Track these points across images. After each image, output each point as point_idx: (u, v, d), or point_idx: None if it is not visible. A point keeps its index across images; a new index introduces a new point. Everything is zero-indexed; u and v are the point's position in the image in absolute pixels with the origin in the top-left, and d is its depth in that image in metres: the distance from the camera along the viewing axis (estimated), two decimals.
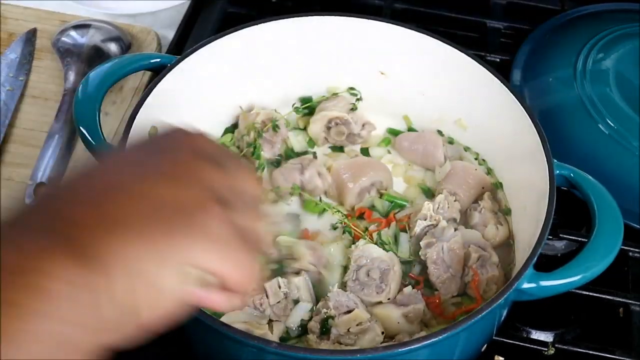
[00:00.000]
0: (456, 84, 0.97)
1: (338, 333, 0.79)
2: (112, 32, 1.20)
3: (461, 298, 0.85)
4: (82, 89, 0.88)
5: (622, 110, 1.06)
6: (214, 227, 0.50)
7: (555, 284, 0.76)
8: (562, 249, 0.99)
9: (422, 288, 0.86)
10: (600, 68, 1.12)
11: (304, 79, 1.02)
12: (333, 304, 0.80)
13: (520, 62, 1.17)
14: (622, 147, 1.03)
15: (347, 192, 0.93)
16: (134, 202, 0.49)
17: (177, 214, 0.49)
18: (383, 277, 0.84)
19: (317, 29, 0.98)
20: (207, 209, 0.50)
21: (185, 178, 0.51)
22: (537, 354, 0.89)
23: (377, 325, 0.80)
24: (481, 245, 0.87)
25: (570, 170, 0.85)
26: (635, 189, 1.00)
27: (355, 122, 0.99)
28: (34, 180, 1.02)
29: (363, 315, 0.79)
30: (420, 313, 0.81)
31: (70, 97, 1.11)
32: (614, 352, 0.88)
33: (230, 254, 0.50)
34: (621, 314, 0.93)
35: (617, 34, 1.16)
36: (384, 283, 0.84)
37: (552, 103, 1.12)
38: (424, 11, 1.26)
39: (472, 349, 0.81)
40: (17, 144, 1.08)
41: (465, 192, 0.93)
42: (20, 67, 1.16)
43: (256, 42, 0.97)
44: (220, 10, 1.24)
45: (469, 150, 0.99)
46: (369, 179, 0.94)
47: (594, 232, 0.78)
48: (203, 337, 0.76)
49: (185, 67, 0.91)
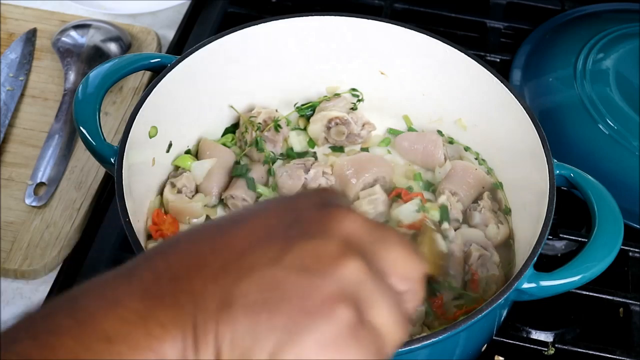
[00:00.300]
0: (456, 84, 0.97)
1: None
2: (112, 32, 1.20)
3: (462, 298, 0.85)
4: (82, 89, 0.88)
5: (622, 110, 1.06)
6: (333, 330, 0.46)
7: (555, 284, 0.76)
8: (562, 249, 0.99)
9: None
10: (600, 68, 1.12)
11: (304, 78, 1.02)
12: None
13: (520, 62, 1.17)
14: (622, 147, 1.03)
15: (351, 188, 0.93)
16: (259, 288, 0.46)
17: (299, 310, 0.46)
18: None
19: (317, 29, 0.98)
20: (331, 311, 0.46)
21: (322, 274, 0.47)
22: (537, 354, 0.89)
23: None
24: (483, 244, 0.87)
25: (570, 170, 0.85)
26: (635, 189, 1.00)
27: (355, 122, 0.99)
28: (34, 180, 1.02)
29: None
30: (422, 315, 0.81)
31: (70, 97, 1.11)
32: (614, 352, 0.88)
33: (340, 356, 0.46)
34: (621, 314, 0.93)
35: (617, 34, 1.16)
36: None
37: (552, 103, 1.12)
38: (424, 11, 1.26)
39: (472, 349, 0.81)
40: (17, 144, 1.08)
41: (466, 191, 0.93)
42: (20, 67, 1.16)
43: (256, 42, 0.97)
44: (220, 10, 1.24)
45: (469, 150, 0.99)
46: (372, 175, 0.94)
47: (594, 232, 0.78)
48: None
49: (185, 67, 0.91)
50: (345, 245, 0.48)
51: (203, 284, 0.46)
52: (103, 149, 0.84)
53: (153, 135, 0.90)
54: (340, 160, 0.96)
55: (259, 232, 0.49)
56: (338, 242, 0.48)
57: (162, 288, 0.46)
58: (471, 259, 0.85)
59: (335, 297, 0.46)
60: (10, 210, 1.00)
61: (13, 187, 1.03)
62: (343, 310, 0.46)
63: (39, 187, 1.02)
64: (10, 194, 1.02)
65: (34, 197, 1.01)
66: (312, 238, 0.48)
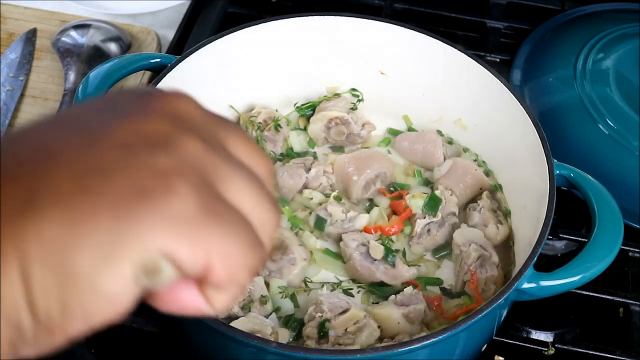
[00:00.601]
0: (456, 84, 0.97)
1: (336, 334, 0.79)
2: (112, 32, 1.20)
3: (461, 298, 0.85)
4: (82, 89, 0.88)
5: (622, 110, 1.06)
6: (181, 207, 0.37)
7: (555, 284, 0.76)
8: (562, 249, 0.99)
9: (422, 289, 0.86)
10: (600, 68, 1.12)
11: (304, 78, 1.02)
12: (327, 306, 0.80)
13: (520, 62, 1.17)
14: (622, 147, 1.03)
15: (352, 185, 0.93)
16: (69, 175, 0.36)
17: (131, 191, 0.36)
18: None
19: (317, 29, 0.98)
20: (173, 186, 0.37)
21: (150, 147, 0.38)
22: (537, 354, 0.89)
23: (372, 320, 0.80)
24: (482, 244, 0.87)
25: (570, 170, 0.85)
26: (635, 189, 1.00)
27: (355, 122, 0.99)
28: None
29: (359, 313, 0.80)
30: (421, 313, 0.81)
31: (70, 97, 1.11)
32: (614, 352, 0.88)
33: (201, 234, 0.37)
34: (621, 314, 0.93)
35: (617, 34, 1.16)
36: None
37: (552, 103, 1.12)
38: (424, 11, 1.26)
39: (472, 349, 0.81)
40: None
41: (462, 190, 0.93)
42: (20, 67, 1.16)
43: (256, 42, 0.97)
44: (220, 10, 1.24)
45: (468, 152, 0.99)
46: (374, 171, 0.94)
47: (594, 232, 0.78)
48: (203, 337, 0.76)
49: (185, 67, 0.91)
50: (175, 122, 0.40)
51: (1, 186, 0.36)
52: None
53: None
54: (341, 157, 0.96)
55: (68, 123, 0.40)
56: (165, 118, 0.40)
57: None
58: (470, 260, 0.85)
59: (171, 170, 0.38)
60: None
61: None
62: (185, 183, 0.37)
63: None
64: None
65: None
66: (133, 118, 0.40)
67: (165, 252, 0.37)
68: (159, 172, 0.37)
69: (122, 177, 0.37)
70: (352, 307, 0.80)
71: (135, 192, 0.36)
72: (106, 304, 0.36)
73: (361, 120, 1.00)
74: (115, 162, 0.37)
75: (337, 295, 0.82)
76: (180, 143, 0.39)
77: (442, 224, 0.90)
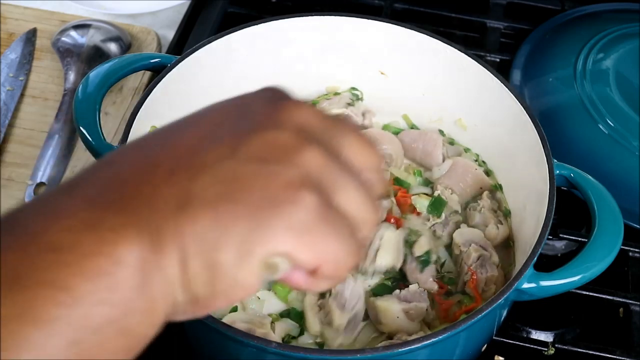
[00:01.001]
0: (456, 84, 0.97)
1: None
2: (112, 32, 1.20)
3: (462, 298, 0.85)
4: (82, 89, 0.88)
5: (622, 110, 1.06)
6: (301, 215, 0.44)
7: (555, 284, 0.76)
8: (562, 249, 0.99)
9: (442, 294, 0.86)
10: (600, 68, 1.12)
11: (304, 78, 1.02)
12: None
13: (520, 62, 1.17)
14: (622, 147, 1.03)
15: None
16: (217, 183, 0.44)
17: (262, 200, 0.44)
18: None
19: (317, 29, 0.98)
20: (296, 196, 0.44)
21: (278, 160, 0.45)
22: (537, 354, 0.89)
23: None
24: (482, 244, 0.87)
25: (570, 170, 0.85)
26: (635, 189, 1.00)
27: (356, 114, 1.00)
28: (34, 180, 1.02)
29: None
30: (423, 312, 0.81)
31: (70, 97, 1.11)
32: (614, 352, 0.88)
33: (316, 242, 0.45)
34: (621, 314, 0.93)
35: (617, 34, 1.16)
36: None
37: (552, 103, 1.12)
38: (424, 11, 1.26)
39: (472, 349, 0.81)
40: (17, 144, 1.08)
41: (462, 189, 0.93)
42: (20, 67, 1.16)
43: (256, 42, 0.97)
44: (220, 10, 1.24)
45: (469, 152, 0.99)
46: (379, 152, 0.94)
47: (594, 232, 0.78)
48: (204, 337, 0.76)
49: (185, 67, 0.91)
50: (300, 133, 0.47)
51: (154, 186, 0.43)
52: (103, 149, 0.84)
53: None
54: None
55: (207, 130, 0.47)
56: (292, 131, 0.47)
57: (109, 196, 0.43)
58: (470, 259, 0.85)
59: (297, 182, 0.45)
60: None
61: (13, 187, 1.03)
62: (308, 195, 0.45)
63: (39, 187, 1.02)
64: (10, 194, 1.02)
65: (34, 197, 1.01)
66: (264, 129, 0.47)
67: (287, 254, 0.44)
68: (287, 184, 0.45)
69: (257, 188, 0.44)
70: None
71: (267, 202, 0.44)
72: (241, 290, 0.45)
73: (360, 110, 1.01)
74: (251, 173, 0.44)
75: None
76: (304, 155, 0.46)
77: (447, 223, 0.90)
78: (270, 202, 0.44)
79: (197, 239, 0.43)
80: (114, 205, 0.43)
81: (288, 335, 0.81)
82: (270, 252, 0.44)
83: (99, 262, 0.41)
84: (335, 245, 0.46)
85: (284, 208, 0.44)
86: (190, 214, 0.43)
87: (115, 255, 0.41)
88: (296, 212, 0.44)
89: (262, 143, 0.46)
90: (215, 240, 0.43)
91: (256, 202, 0.44)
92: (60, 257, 0.40)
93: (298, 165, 0.45)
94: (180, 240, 0.43)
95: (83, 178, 0.46)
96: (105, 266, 0.41)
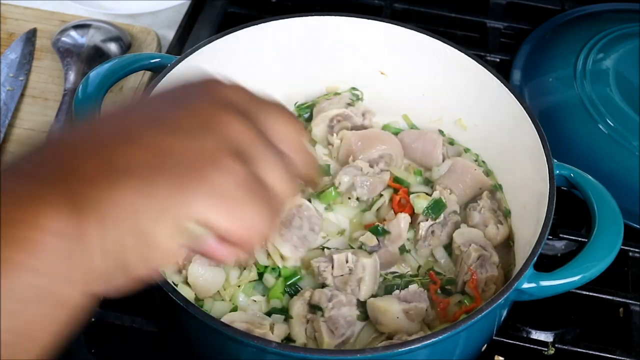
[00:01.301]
0: (456, 84, 0.97)
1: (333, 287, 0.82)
2: (112, 32, 1.20)
3: (462, 298, 0.85)
4: (82, 89, 0.88)
5: (622, 110, 1.06)
6: (223, 182, 0.47)
7: (555, 284, 0.76)
8: (562, 249, 0.99)
9: (438, 290, 0.86)
10: (600, 68, 1.12)
11: (304, 78, 1.02)
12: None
13: (520, 62, 1.17)
14: (622, 147, 1.03)
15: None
16: (140, 153, 0.46)
17: (185, 167, 0.46)
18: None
19: (317, 29, 0.98)
20: (219, 164, 0.47)
21: (203, 131, 0.48)
22: (537, 354, 0.89)
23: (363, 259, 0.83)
24: (482, 244, 0.87)
25: (570, 170, 0.85)
26: (635, 189, 1.00)
27: (356, 114, 1.00)
28: None
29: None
30: (422, 312, 0.81)
31: (70, 97, 1.11)
32: (614, 352, 0.88)
33: (235, 209, 0.47)
34: (621, 314, 0.93)
35: (617, 34, 1.17)
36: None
37: (552, 103, 1.12)
38: (424, 11, 1.26)
39: (472, 349, 0.81)
40: (17, 144, 1.08)
41: (462, 190, 0.93)
42: (20, 67, 1.16)
43: (256, 42, 0.97)
44: (220, 10, 1.24)
45: (468, 152, 0.99)
46: (378, 152, 0.94)
47: (594, 232, 0.78)
48: (203, 337, 0.76)
49: (185, 67, 0.91)
50: (228, 107, 0.50)
51: (84, 158, 0.46)
52: None
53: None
54: (350, 133, 0.97)
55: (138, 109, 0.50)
56: (220, 104, 0.50)
57: (47, 171, 0.45)
58: (470, 259, 0.85)
59: (222, 152, 0.47)
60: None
61: None
62: (232, 163, 0.47)
63: None
64: None
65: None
66: (192, 102, 0.50)
67: (204, 218, 0.46)
68: (212, 151, 0.47)
69: (182, 155, 0.46)
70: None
71: (190, 168, 0.46)
72: (160, 255, 0.46)
73: (360, 110, 1.01)
74: (177, 142, 0.47)
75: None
76: (230, 126, 0.48)
77: (445, 223, 0.90)
78: (194, 168, 0.46)
79: (117, 205, 0.44)
80: (49, 178, 0.45)
81: (287, 335, 0.81)
82: (188, 215, 0.46)
83: (24, 230, 0.43)
84: (252, 212, 0.48)
85: (207, 174, 0.46)
86: (112, 182, 0.45)
87: (39, 223, 0.43)
88: (218, 178, 0.46)
89: (190, 115, 0.49)
90: (135, 206, 0.45)
91: (179, 169, 0.46)
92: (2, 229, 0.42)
93: (223, 134, 0.48)
94: (99, 207, 0.44)
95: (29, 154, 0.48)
96: (30, 234, 0.43)
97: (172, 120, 0.48)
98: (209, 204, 0.46)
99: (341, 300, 0.81)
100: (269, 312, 0.83)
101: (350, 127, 0.99)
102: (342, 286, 0.83)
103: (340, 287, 0.83)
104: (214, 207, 0.46)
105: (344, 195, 0.92)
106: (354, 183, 0.91)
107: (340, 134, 0.98)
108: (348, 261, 0.83)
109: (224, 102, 0.50)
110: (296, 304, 0.81)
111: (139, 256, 0.46)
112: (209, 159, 0.47)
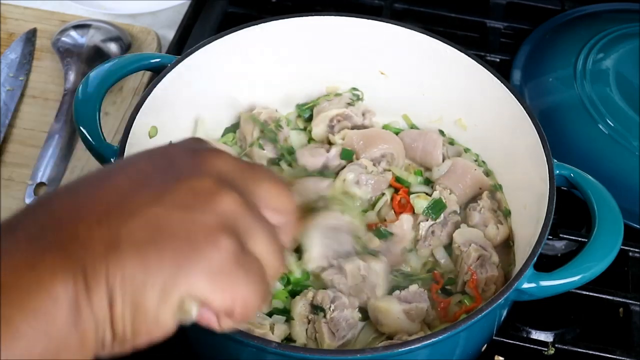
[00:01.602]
0: (456, 84, 0.97)
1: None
2: (112, 32, 1.20)
3: (462, 298, 0.85)
4: (82, 89, 0.88)
5: (622, 110, 1.06)
6: (217, 258, 0.49)
7: (555, 284, 0.76)
8: (562, 249, 0.99)
9: (439, 290, 0.86)
10: (600, 68, 1.12)
11: (304, 78, 1.02)
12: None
13: (520, 62, 1.18)
14: (622, 147, 1.03)
15: None
16: (142, 228, 0.48)
17: (184, 244, 0.49)
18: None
19: (317, 29, 0.98)
20: (213, 240, 0.49)
21: (198, 208, 0.50)
22: (537, 354, 0.89)
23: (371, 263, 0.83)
24: (482, 244, 0.87)
25: (570, 170, 0.85)
26: (635, 189, 1.00)
27: (356, 114, 1.00)
28: (34, 180, 1.02)
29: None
30: (423, 312, 0.81)
31: (70, 97, 1.11)
32: (614, 352, 0.88)
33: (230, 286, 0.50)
34: (621, 314, 0.93)
35: (617, 34, 1.17)
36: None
37: (552, 103, 1.12)
38: (424, 11, 1.26)
39: (472, 349, 0.81)
40: (17, 144, 1.08)
41: (462, 190, 0.93)
42: (20, 67, 1.16)
43: (256, 42, 0.97)
44: (220, 10, 1.24)
45: (469, 152, 0.99)
46: (379, 151, 0.95)
47: (594, 232, 0.78)
48: (203, 337, 0.76)
49: (185, 67, 0.91)
50: (219, 181, 0.52)
51: (88, 228, 0.47)
52: (103, 149, 0.84)
53: (153, 135, 0.90)
54: (351, 132, 0.97)
55: (137, 178, 0.52)
56: (211, 179, 0.52)
57: (48, 236, 0.47)
58: (470, 259, 0.85)
59: (216, 228, 0.50)
60: (10, 210, 1.00)
61: (13, 187, 1.03)
62: (226, 240, 0.50)
63: (39, 187, 1.02)
64: (11, 194, 1.02)
65: (34, 197, 1.01)
66: (187, 178, 0.52)
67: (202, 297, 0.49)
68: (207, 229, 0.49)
69: (180, 233, 0.49)
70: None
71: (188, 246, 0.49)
72: (160, 330, 0.49)
73: (360, 110, 1.01)
74: (176, 219, 0.49)
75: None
76: (222, 201, 0.51)
77: (445, 223, 0.90)
78: (191, 246, 0.49)
79: (123, 280, 0.47)
80: (52, 246, 0.47)
81: (287, 336, 0.81)
82: (187, 294, 0.48)
83: (37, 299, 0.45)
84: (246, 288, 0.51)
85: (203, 252, 0.49)
86: (119, 257, 0.47)
87: (52, 294, 0.45)
88: (213, 255, 0.49)
89: (186, 191, 0.51)
90: (140, 282, 0.47)
91: (179, 247, 0.48)
92: (3, 295, 0.44)
93: (217, 211, 0.50)
94: (108, 281, 0.47)
95: (24, 216, 0.49)
96: (43, 304, 0.45)
97: (173, 197, 0.50)
98: (204, 281, 0.49)
99: (344, 303, 0.81)
100: (270, 312, 0.83)
101: (350, 127, 0.99)
102: (357, 294, 0.82)
103: (355, 294, 0.82)
104: (209, 285, 0.49)
105: (346, 195, 0.93)
106: (359, 181, 0.91)
107: (342, 132, 0.98)
108: (361, 269, 0.83)
109: (217, 176, 0.52)
110: (298, 304, 0.81)
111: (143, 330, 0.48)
112: (204, 235, 0.49)
